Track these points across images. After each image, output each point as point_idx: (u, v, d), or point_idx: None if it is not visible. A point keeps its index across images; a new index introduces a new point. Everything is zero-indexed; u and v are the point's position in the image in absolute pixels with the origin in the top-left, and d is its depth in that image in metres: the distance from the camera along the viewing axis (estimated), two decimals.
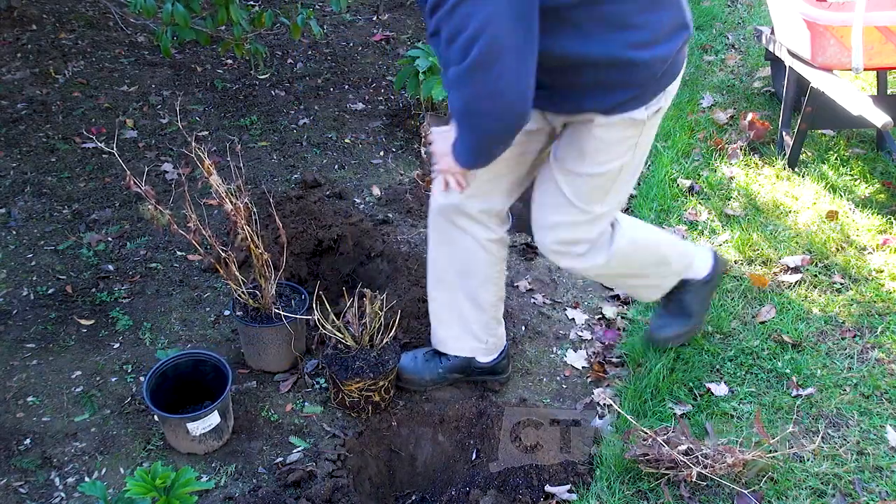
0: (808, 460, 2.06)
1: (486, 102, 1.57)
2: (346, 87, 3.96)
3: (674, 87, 1.85)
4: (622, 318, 2.64)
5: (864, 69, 2.98)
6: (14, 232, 2.88)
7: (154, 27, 3.69)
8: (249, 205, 2.21)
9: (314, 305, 2.28)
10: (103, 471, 2.07)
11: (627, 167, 1.90)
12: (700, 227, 2.99)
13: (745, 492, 1.95)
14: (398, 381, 2.31)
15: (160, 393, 2.13)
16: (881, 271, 2.73)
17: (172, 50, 4.03)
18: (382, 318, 2.24)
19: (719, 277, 2.41)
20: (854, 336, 2.47)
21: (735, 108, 3.75)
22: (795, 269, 2.75)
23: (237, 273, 2.27)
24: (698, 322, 2.39)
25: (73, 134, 3.41)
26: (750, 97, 3.87)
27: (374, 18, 4.67)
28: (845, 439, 2.13)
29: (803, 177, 3.25)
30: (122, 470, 2.08)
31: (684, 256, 2.27)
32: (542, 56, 1.56)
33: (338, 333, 2.21)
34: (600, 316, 2.65)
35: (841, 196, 3.12)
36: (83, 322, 2.52)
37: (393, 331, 2.25)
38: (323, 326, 2.21)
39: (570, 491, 2.02)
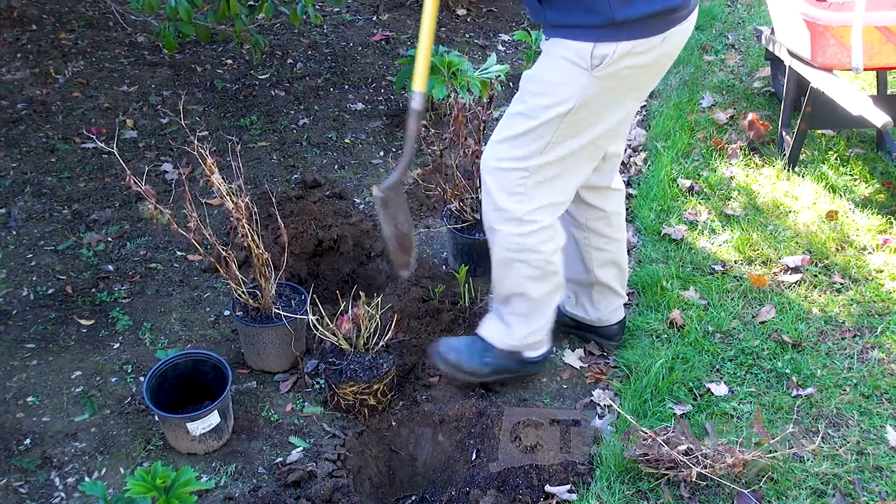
0: (808, 460, 2.06)
1: None
2: (346, 87, 3.96)
3: (633, 52, 1.80)
4: None
5: (864, 69, 2.98)
6: (14, 232, 2.88)
7: (156, 23, 3.69)
8: (250, 204, 2.22)
9: (308, 308, 2.28)
10: (103, 471, 2.07)
11: (569, 118, 1.88)
12: (700, 227, 2.99)
13: (745, 492, 1.95)
14: None
15: (160, 393, 2.14)
16: (881, 271, 2.73)
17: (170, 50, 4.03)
18: (378, 321, 2.24)
19: (529, 369, 2.33)
20: (854, 336, 2.47)
21: (735, 108, 3.75)
22: (795, 269, 2.75)
23: (237, 273, 2.27)
24: (477, 377, 2.28)
25: (73, 134, 3.41)
26: (750, 97, 3.87)
27: (374, 18, 4.67)
28: (845, 439, 2.13)
29: (803, 177, 3.25)
30: (122, 470, 2.08)
31: (542, 329, 2.24)
32: None
33: (332, 337, 2.21)
34: None
35: (841, 196, 3.11)
36: (83, 322, 2.52)
37: (388, 335, 2.25)
38: (317, 329, 2.22)
39: (570, 491, 2.02)
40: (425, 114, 2.10)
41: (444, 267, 2.82)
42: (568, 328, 2.54)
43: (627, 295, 2.70)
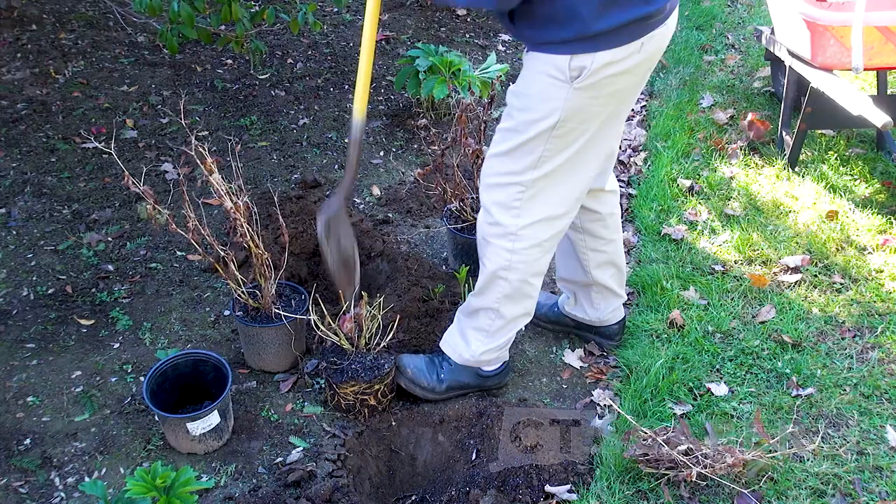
0: (808, 460, 2.06)
1: None
2: (346, 87, 3.96)
3: (612, 62, 1.78)
4: None
5: (864, 69, 2.98)
6: (14, 232, 2.88)
7: (157, 26, 3.69)
8: (249, 204, 2.22)
9: (310, 307, 2.28)
10: (103, 471, 2.07)
11: (557, 131, 1.87)
12: (700, 227, 2.99)
13: (745, 492, 1.95)
14: None
15: (160, 393, 2.13)
16: (881, 271, 2.73)
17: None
18: (380, 321, 2.24)
19: (489, 383, 2.30)
20: (854, 336, 2.47)
21: (735, 108, 3.75)
22: (795, 269, 2.75)
23: (237, 273, 2.27)
24: (434, 393, 2.27)
25: (73, 134, 3.41)
26: (750, 97, 3.87)
27: None
28: (845, 439, 2.13)
29: (803, 177, 3.25)
30: (122, 470, 2.08)
31: (499, 348, 2.23)
32: None
33: (333, 336, 2.21)
34: None
35: (841, 196, 3.12)
36: (83, 322, 2.52)
37: (390, 335, 2.25)
38: (318, 329, 2.21)
39: (570, 491, 2.02)
40: (363, 139, 2.09)
41: (444, 267, 2.82)
42: (568, 328, 2.54)
43: (627, 295, 2.70)
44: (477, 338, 2.20)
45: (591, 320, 2.45)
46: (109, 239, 2.87)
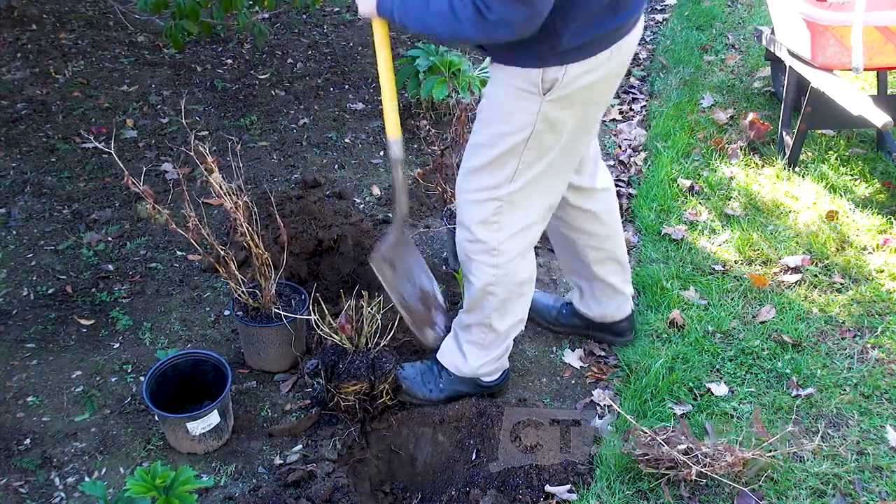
0: (808, 460, 2.06)
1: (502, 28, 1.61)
2: (346, 87, 3.96)
3: (582, 73, 1.78)
4: None
5: (864, 69, 2.98)
6: (14, 232, 2.88)
7: (160, 23, 3.69)
8: (249, 204, 2.22)
9: (311, 307, 2.28)
10: (103, 471, 2.07)
11: (530, 143, 1.86)
12: (700, 227, 2.99)
13: (746, 489, 1.95)
14: None
15: (160, 393, 2.14)
16: (881, 271, 2.73)
17: (173, 50, 4.04)
18: (380, 321, 2.24)
19: (489, 390, 2.30)
20: (854, 336, 2.47)
21: (735, 108, 3.75)
22: (795, 269, 2.75)
23: (237, 273, 2.27)
24: (432, 402, 2.27)
25: (73, 134, 3.41)
26: (750, 97, 3.87)
27: None
28: (845, 439, 2.13)
29: (803, 177, 3.25)
30: (122, 470, 2.08)
31: (497, 359, 2.23)
32: None
33: (334, 336, 2.21)
34: None
35: (841, 196, 3.11)
36: (83, 322, 2.52)
37: (391, 334, 2.25)
38: (319, 328, 2.21)
39: (570, 491, 2.02)
40: (405, 159, 2.11)
41: (444, 267, 2.82)
42: (579, 330, 2.53)
43: None
44: (473, 352, 2.21)
45: (596, 316, 2.45)
46: (109, 239, 2.87)
